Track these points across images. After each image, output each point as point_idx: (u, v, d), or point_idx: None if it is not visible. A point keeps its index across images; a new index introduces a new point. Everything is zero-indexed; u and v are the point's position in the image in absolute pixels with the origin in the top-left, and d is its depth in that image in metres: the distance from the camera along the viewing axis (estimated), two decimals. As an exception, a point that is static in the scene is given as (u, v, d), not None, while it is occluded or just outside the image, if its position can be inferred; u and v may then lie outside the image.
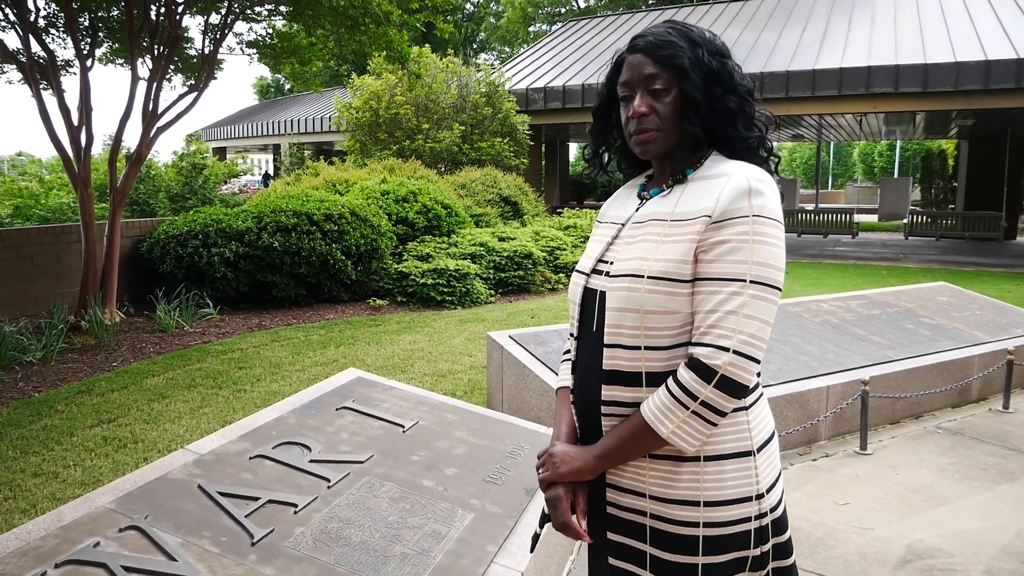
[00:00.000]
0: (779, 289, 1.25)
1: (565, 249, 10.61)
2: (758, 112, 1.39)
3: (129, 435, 4.42)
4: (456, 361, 6.02)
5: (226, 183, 19.46)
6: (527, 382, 4.10)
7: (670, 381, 1.26)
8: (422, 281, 8.52)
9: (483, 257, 9.38)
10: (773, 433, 1.38)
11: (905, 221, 19.42)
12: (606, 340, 1.33)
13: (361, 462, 2.66)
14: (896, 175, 38.09)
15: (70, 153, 7.12)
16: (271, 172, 31.89)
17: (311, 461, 2.60)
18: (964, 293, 6.51)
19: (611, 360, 1.32)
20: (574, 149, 26.28)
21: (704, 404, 1.23)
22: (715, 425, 1.25)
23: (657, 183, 1.43)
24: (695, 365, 1.23)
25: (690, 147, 1.37)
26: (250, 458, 2.56)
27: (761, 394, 1.38)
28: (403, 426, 3.02)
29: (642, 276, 1.28)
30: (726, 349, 1.21)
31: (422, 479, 2.62)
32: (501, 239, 10.04)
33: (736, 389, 1.22)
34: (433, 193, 10.26)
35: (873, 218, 25.95)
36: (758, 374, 1.32)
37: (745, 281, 1.22)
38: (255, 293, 8.17)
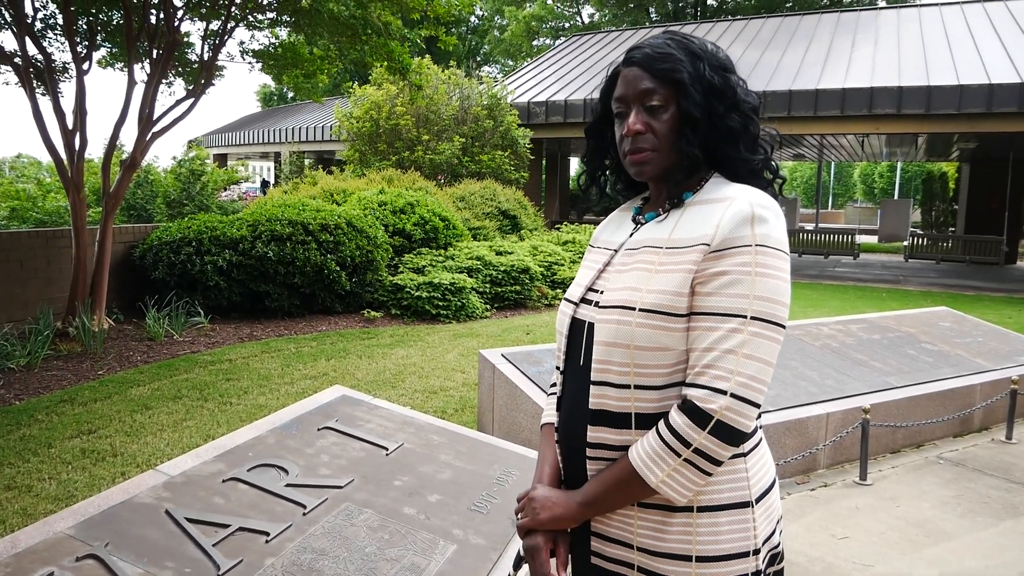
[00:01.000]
0: (783, 326, 1.14)
1: (563, 264, 10.51)
2: (763, 131, 1.29)
3: (108, 448, 4.30)
4: (448, 377, 5.91)
5: (226, 190, 19.39)
6: (518, 403, 3.99)
7: (661, 425, 1.15)
8: (417, 294, 8.42)
9: (480, 271, 9.28)
10: (774, 481, 1.27)
11: (906, 243, 19.35)
12: (593, 377, 1.22)
13: (340, 487, 2.54)
14: (896, 196, 38.14)
15: (63, 157, 7.04)
16: (270, 180, 31.88)
17: (287, 485, 2.49)
18: (966, 319, 6.41)
19: (598, 399, 1.21)
20: (575, 164, 26.27)
21: (698, 452, 1.11)
22: (709, 474, 1.14)
23: (653, 207, 1.33)
24: (689, 408, 1.12)
25: (689, 168, 1.27)
26: (223, 481, 2.44)
27: (761, 438, 1.27)
28: (387, 448, 2.90)
29: (633, 308, 1.17)
30: (723, 392, 1.10)
31: (403, 506, 2.50)
32: (498, 253, 9.94)
33: (733, 436, 1.11)
34: (431, 205, 10.17)
35: (873, 239, 25.94)
36: (758, 416, 1.21)
37: (745, 317, 1.11)
38: (248, 302, 8.06)
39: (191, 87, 8.09)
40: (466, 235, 10.53)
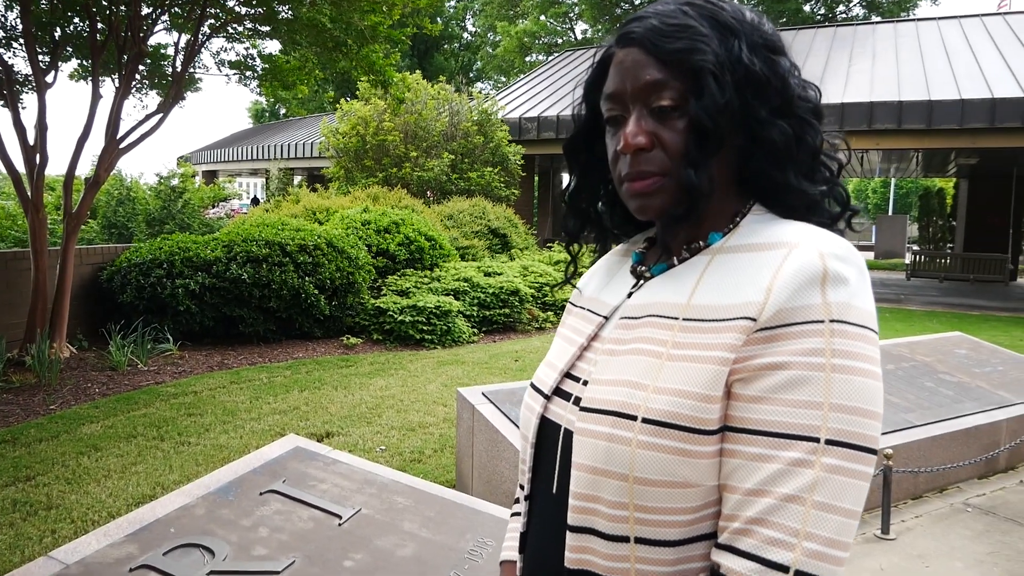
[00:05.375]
0: (875, 452, 0.71)
1: (555, 285, 10.09)
2: (826, 139, 0.84)
3: (44, 499, 3.85)
4: (429, 411, 5.47)
5: (213, 207, 18.95)
6: (500, 450, 3.56)
7: None
8: (400, 318, 7.98)
9: (467, 293, 8.85)
10: None
11: (907, 261, 19.02)
12: (571, 519, 0.79)
13: (276, 573, 2.11)
14: (891, 212, 37.95)
15: (23, 175, 6.63)
16: (261, 197, 31.49)
17: (211, 573, 2.05)
18: (983, 345, 6.01)
19: (578, 554, 0.78)
20: (568, 180, 25.97)
21: None
22: None
23: (664, 254, 0.88)
24: None
25: (718, 198, 0.84)
26: (130, 570, 2.00)
27: None
28: (340, 517, 2.47)
29: (633, 418, 0.74)
30: (783, 569, 0.66)
31: (352, 597, 2.07)
32: (487, 274, 9.52)
33: None
34: (417, 224, 9.76)
35: (868, 255, 25.63)
36: None
37: (818, 440, 0.68)
38: (221, 328, 7.61)
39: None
40: (453, 255, 10.12)
